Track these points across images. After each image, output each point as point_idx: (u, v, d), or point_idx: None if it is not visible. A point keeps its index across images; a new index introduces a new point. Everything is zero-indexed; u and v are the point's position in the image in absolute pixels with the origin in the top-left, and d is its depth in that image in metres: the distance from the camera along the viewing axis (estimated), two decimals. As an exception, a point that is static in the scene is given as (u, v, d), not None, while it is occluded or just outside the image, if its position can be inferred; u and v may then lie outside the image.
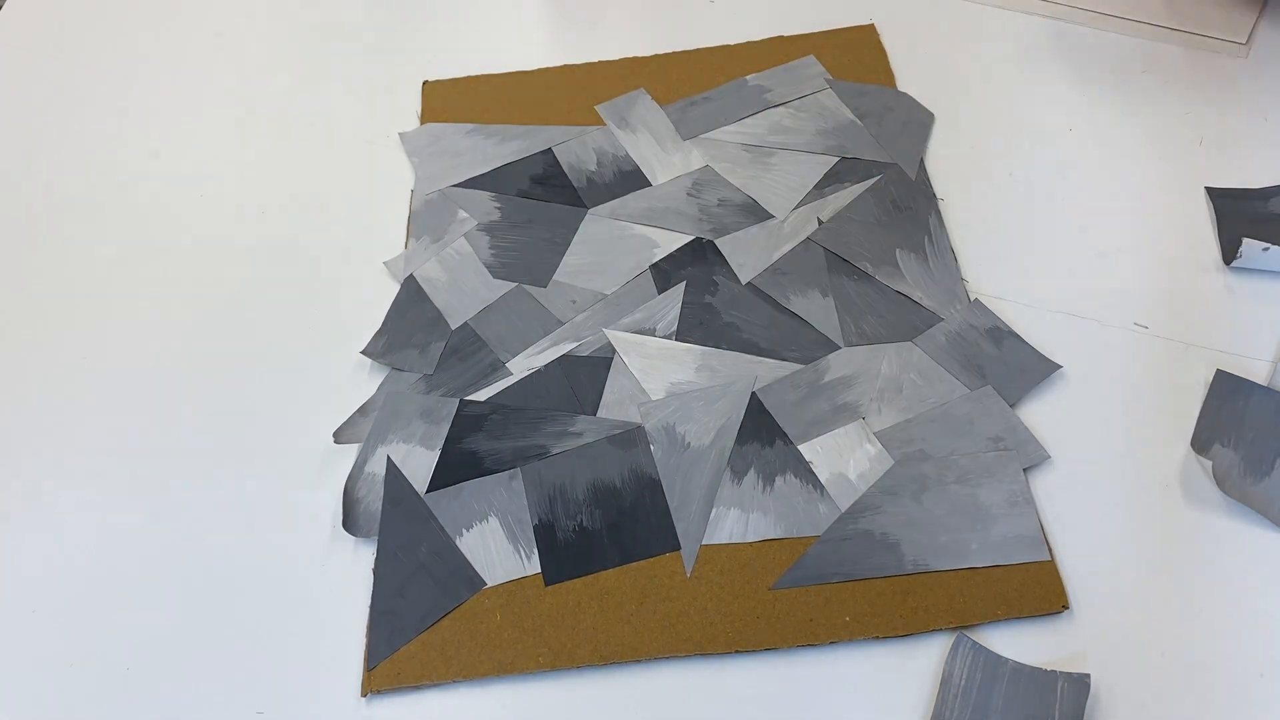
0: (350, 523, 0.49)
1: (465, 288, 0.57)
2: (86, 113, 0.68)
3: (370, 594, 0.47)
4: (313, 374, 0.55)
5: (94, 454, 0.53)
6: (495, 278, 0.57)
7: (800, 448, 0.50)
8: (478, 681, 0.45)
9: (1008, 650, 0.44)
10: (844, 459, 0.49)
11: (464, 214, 0.60)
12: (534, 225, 0.59)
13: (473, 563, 0.48)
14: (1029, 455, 0.49)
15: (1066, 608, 0.45)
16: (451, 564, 0.48)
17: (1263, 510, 0.46)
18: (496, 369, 0.54)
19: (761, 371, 0.53)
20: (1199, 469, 0.48)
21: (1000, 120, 0.62)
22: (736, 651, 0.45)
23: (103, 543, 0.50)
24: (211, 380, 0.55)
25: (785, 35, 0.67)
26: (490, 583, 0.47)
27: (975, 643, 0.44)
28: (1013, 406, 0.50)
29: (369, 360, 0.55)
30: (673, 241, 0.58)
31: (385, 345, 0.55)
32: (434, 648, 0.46)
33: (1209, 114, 0.61)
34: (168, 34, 0.72)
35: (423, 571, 0.48)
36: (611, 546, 0.48)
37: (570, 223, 0.59)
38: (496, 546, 0.48)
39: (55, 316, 0.58)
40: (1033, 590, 0.45)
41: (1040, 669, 0.43)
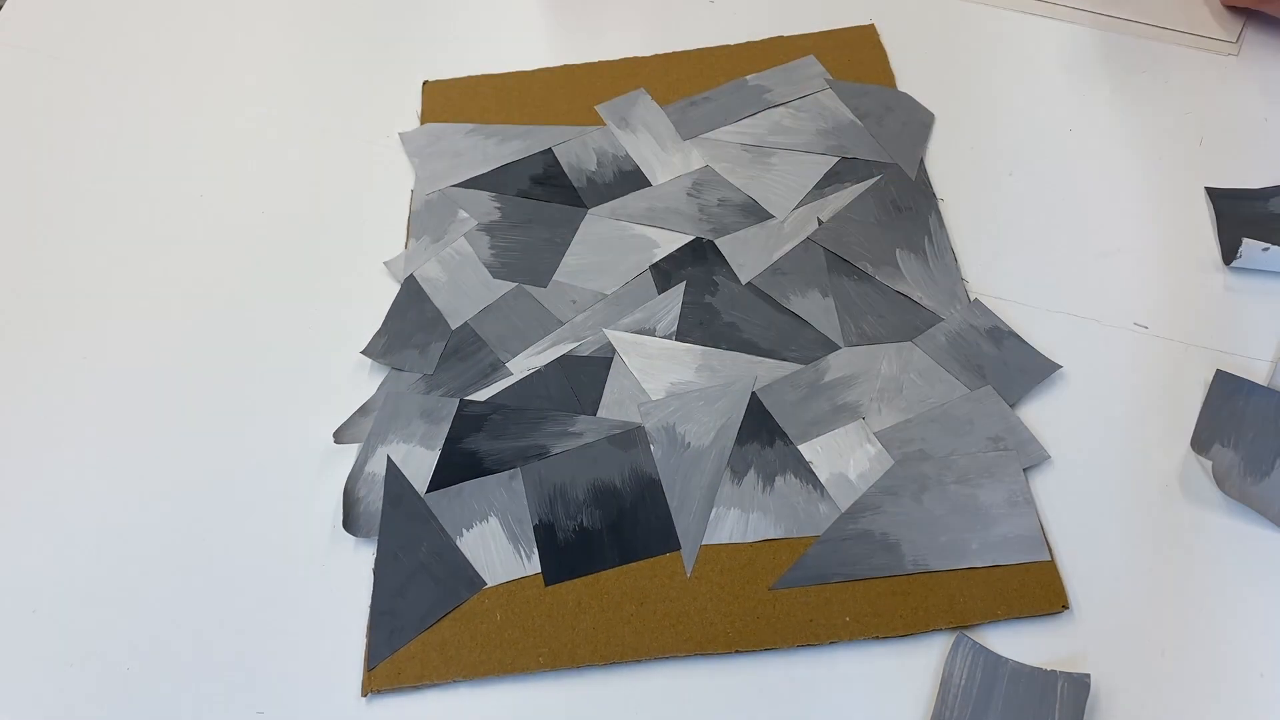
0: (350, 523, 0.49)
1: (465, 288, 0.57)
2: (86, 113, 0.68)
3: (370, 594, 0.47)
4: (313, 374, 0.55)
5: (94, 454, 0.53)
6: (495, 278, 0.57)
7: (800, 448, 0.50)
8: (478, 681, 0.45)
9: (1008, 650, 0.44)
10: (844, 459, 0.49)
11: (464, 214, 0.60)
12: (534, 225, 0.59)
13: (473, 563, 0.48)
14: (1029, 455, 0.49)
15: (1066, 608, 0.45)
16: (451, 564, 0.48)
17: (1263, 510, 0.46)
18: (496, 369, 0.54)
19: (761, 371, 0.53)
20: (1199, 469, 0.48)
21: (1000, 120, 0.62)
22: (736, 651, 0.45)
23: (103, 543, 0.50)
24: (211, 380, 0.55)
25: (785, 35, 0.67)
26: (490, 583, 0.47)
27: (975, 643, 0.44)
28: (1013, 406, 0.51)
29: (369, 360, 0.55)
30: (673, 241, 0.58)
31: (385, 345, 0.55)
32: (434, 648, 0.46)
33: (1209, 114, 0.61)
34: (167, 34, 0.72)
35: (423, 571, 0.48)
36: (611, 546, 0.48)
37: (570, 223, 0.59)
38: (496, 546, 0.48)
39: (55, 316, 0.58)
40: (1033, 590, 0.45)
41: (1040, 669, 0.43)
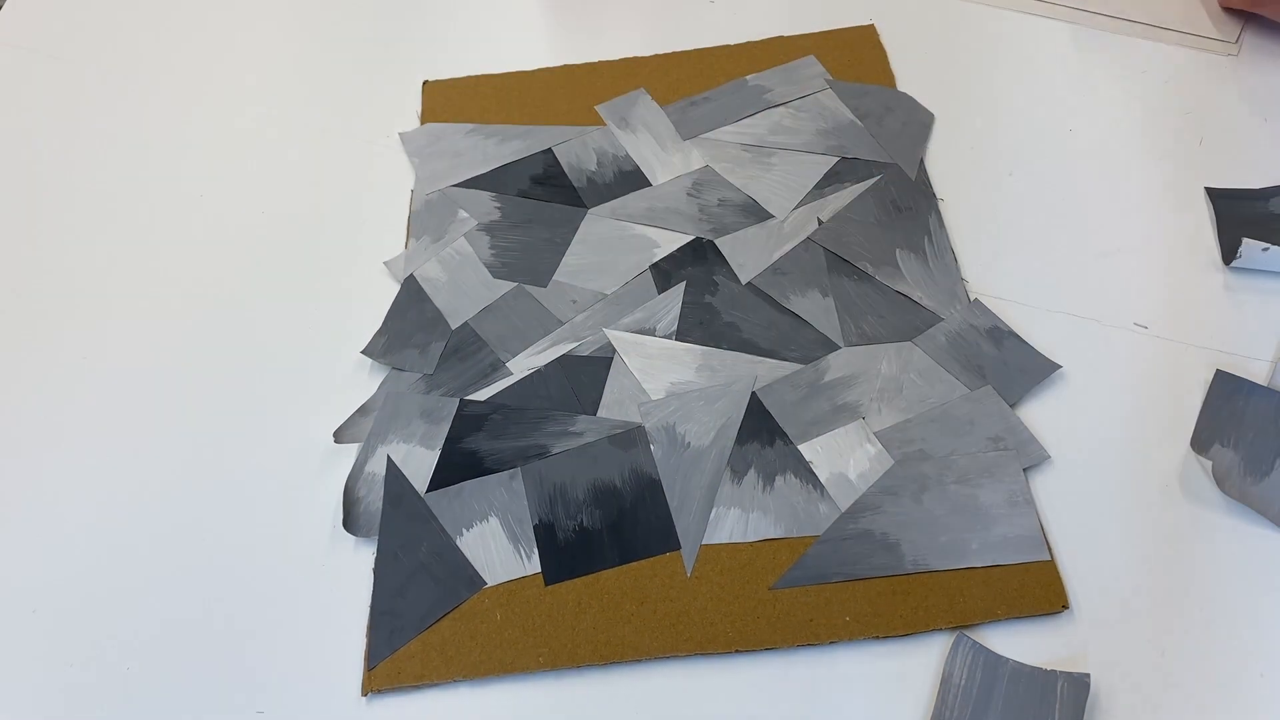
0: (350, 523, 0.49)
1: (465, 288, 0.57)
2: (86, 113, 0.68)
3: (370, 594, 0.47)
4: (313, 374, 0.55)
5: (94, 454, 0.53)
6: (495, 278, 0.57)
7: (800, 447, 0.50)
8: (478, 681, 0.45)
9: (1008, 650, 0.44)
10: (844, 459, 0.49)
11: (464, 214, 0.60)
12: (534, 225, 0.59)
13: (473, 562, 0.48)
14: (1029, 455, 0.49)
15: (1066, 608, 0.45)
16: (451, 564, 0.48)
17: (1263, 510, 0.46)
18: (496, 369, 0.54)
19: (761, 371, 0.53)
20: (1199, 469, 0.48)
21: (1000, 120, 0.62)
22: (736, 651, 0.45)
23: (103, 543, 0.50)
24: (211, 380, 0.55)
25: (785, 35, 0.67)
26: (490, 582, 0.47)
27: (975, 642, 0.44)
28: (1013, 406, 0.51)
29: (369, 360, 0.55)
30: (673, 241, 0.58)
31: (385, 345, 0.55)
32: (434, 647, 0.46)
33: (1209, 114, 0.61)
34: (167, 34, 0.72)
35: (423, 571, 0.48)
36: (612, 546, 0.48)
37: (570, 223, 0.59)
38: (497, 546, 0.48)
39: (55, 316, 0.58)
40: (1033, 590, 0.45)
41: (1040, 669, 0.43)
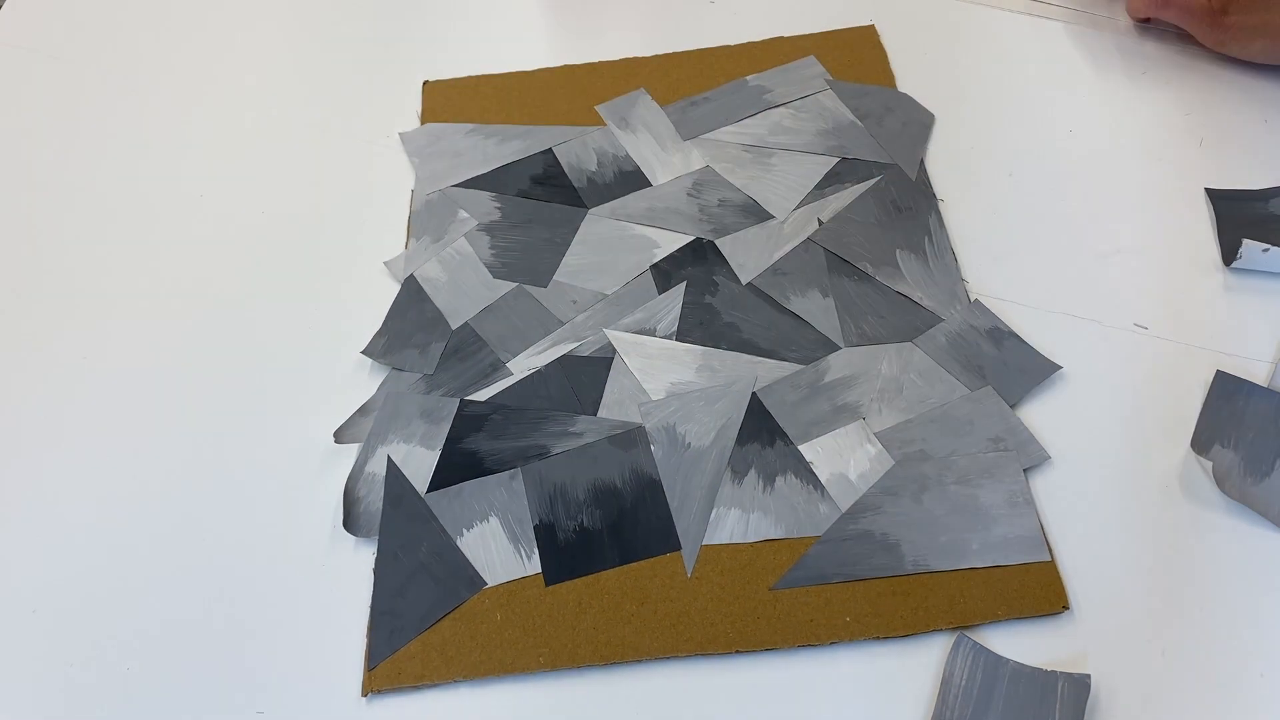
0: (350, 523, 0.49)
1: (465, 288, 0.57)
2: (86, 113, 0.68)
3: (370, 594, 0.47)
4: (313, 374, 0.55)
5: (94, 454, 0.53)
6: (495, 278, 0.57)
7: (800, 448, 0.50)
8: (478, 681, 0.45)
9: (1008, 650, 0.44)
10: (844, 459, 0.49)
11: (464, 214, 0.60)
12: (534, 225, 0.59)
13: (473, 563, 0.48)
14: (1029, 455, 0.49)
15: (1066, 608, 0.45)
16: (452, 564, 0.48)
17: (1263, 510, 0.46)
18: (497, 369, 0.54)
19: (762, 371, 0.53)
20: (1199, 469, 0.48)
21: (1000, 120, 0.62)
22: (736, 651, 0.45)
23: (102, 543, 0.50)
24: (211, 380, 0.55)
25: (785, 35, 0.67)
26: (490, 583, 0.47)
27: (975, 643, 0.44)
28: (1013, 407, 0.51)
29: (369, 360, 0.55)
30: (673, 241, 0.58)
31: (385, 345, 0.55)
32: (434, 648, 0.46)
33: (1209, 115, 0.61)
34: (167, 34, 0.72)
35: (423, 571, 0.48)
36: (612, 546, 0.48)
37: (570, 223, 0.59)
38: (497, 546, 0.48)
39: (55, 316, 0.58)
40: (1033, 590, 0.45)
41: (1040, 669, 0.43)
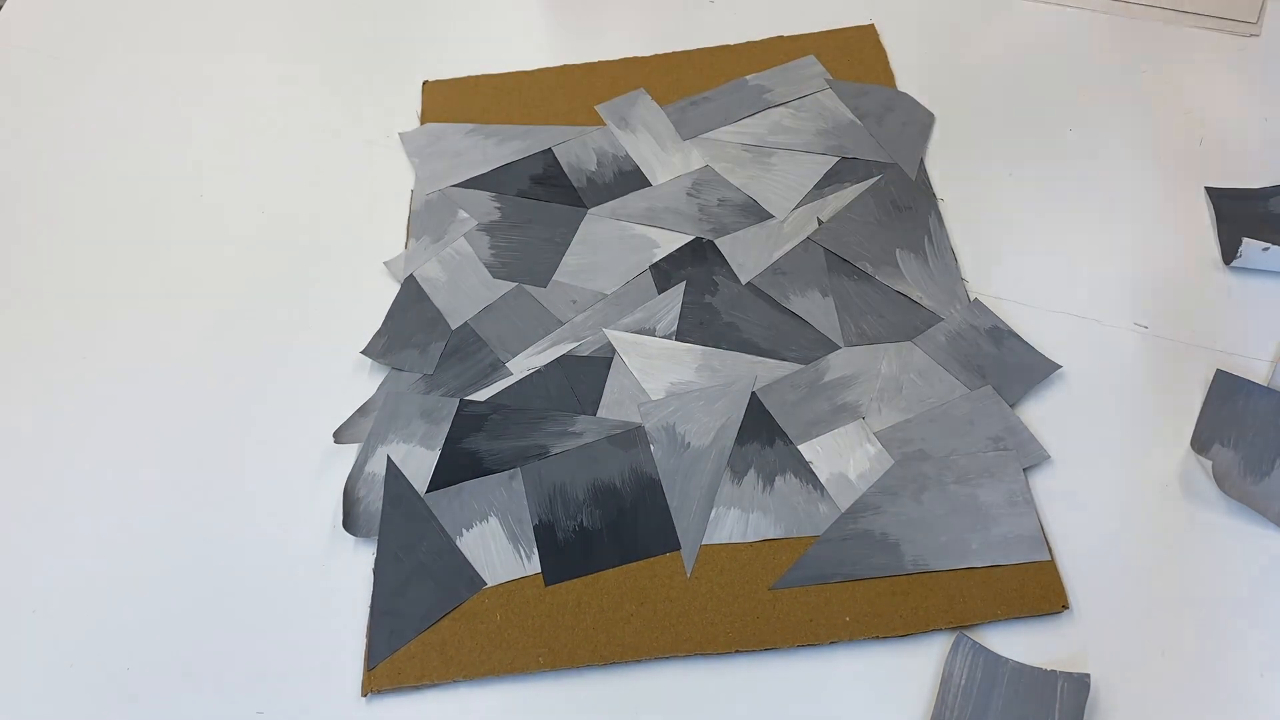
0: (350, 523, 0.49)
1: (465, 288, 0.57)
2: (86, 114, 0.68)
3: (370, 594, 0.47)
4: (313, 374, 0.55)
5: (94, 454, 0.53)
6: (495, 278, 0.57)
7: (800, 448, 0.50)
8: (478, 681, 0.45)
9: (1008, 650, 0.44)
10: (844, 459, 0.49)
11: (464, 214, 0.60)
12: (534, 225, 0.59)
13: (473, 563, 0.48)
14: (1029, 455, 0.49)
15: (1066, 608, 0.45)
16: (451, 564, 0.48)
17: (1263, 510, 0.46)
18: (496, 369, 0.54)
19: (761, 371, 0.53)
20: (1199, 469, 0.48)
21: (1000, 120, 0.62)
22: (736, 651, 0.45)
23: (103, 543, 0.50)
24: (211, 380, 0.55)
25: (785, 35, 0.67)
26: (490, 583, 0.47)
27: (975, 643, 0.44)
28: (1013, 406, 0.50)
29: (369, 360, 0.55)
30: (673, 241, 0.58)
31: (385, 345, 0.55)
32: (434, 648, 0.46)
33: (1209, 114, 0.61)
34: (167, 34, 0.72)
35: (423, 571, 0.48)
36: (611, 546, 0.48)
37: (570, 223, 0.59)
38: (496, 546, 0.48)
39: (55, 316, 0.58)
40: (1033, 590, 0.45)
41: (1040, 669, 0.43)
